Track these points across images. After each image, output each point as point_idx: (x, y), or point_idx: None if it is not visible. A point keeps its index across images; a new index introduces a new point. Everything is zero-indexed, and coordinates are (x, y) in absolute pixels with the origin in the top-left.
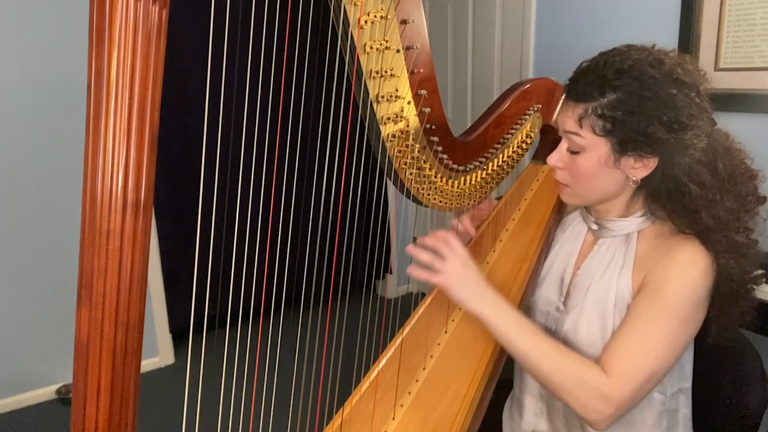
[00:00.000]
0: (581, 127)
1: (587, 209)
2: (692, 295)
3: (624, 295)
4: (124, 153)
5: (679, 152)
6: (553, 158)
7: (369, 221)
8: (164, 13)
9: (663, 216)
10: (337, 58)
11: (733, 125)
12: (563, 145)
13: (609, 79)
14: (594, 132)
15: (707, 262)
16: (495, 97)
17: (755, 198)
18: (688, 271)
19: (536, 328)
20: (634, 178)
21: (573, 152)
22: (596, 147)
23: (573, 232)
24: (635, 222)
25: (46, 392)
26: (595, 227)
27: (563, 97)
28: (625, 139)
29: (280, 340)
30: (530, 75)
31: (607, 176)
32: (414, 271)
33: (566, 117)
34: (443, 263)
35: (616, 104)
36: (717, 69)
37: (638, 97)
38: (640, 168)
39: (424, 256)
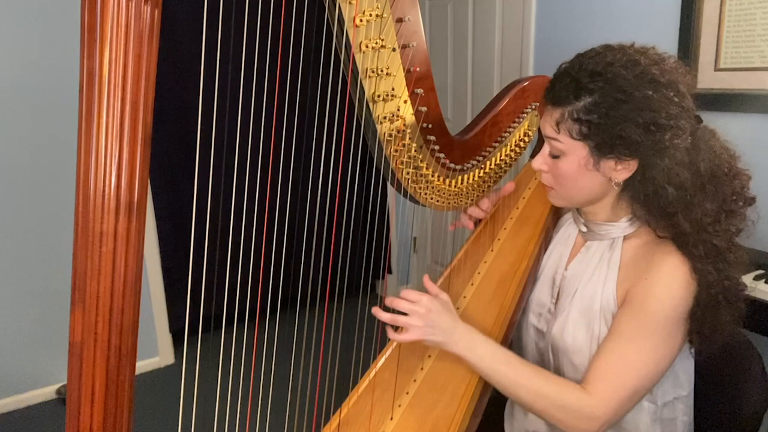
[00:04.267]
0: (559, 131)
1: (578, 211)
2: (674, 312)
3: (609, 304)
4: (117, 154)
5: (658, 153)
6: (537, 162)
7: (368, 221)
8: (156, 12)
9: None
10: (333, 56)
11: (733, 125)
12: (545, 149)
13: (583, 83)
14: (571, 136)
15: (688, 274)
16: None
17: (742, 198)
18: (669, 286)
19: (512, 359)
20: (615, 180)
21: (554, 156)
22: (575, 151)
23: (565, 233)
24: (621, 227)
25: (46, 392)
26: (584, 229)
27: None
28: (602, 142)
29: (278, 340)
30: (530, 74)
31: (589, 179)
32: (390, 334)
33: (545, 122)
34: (407, 319)
35: (591, 108)
36: (717, 69)
37: (613, 99)
38: (621, 170)
39: (385, 316)
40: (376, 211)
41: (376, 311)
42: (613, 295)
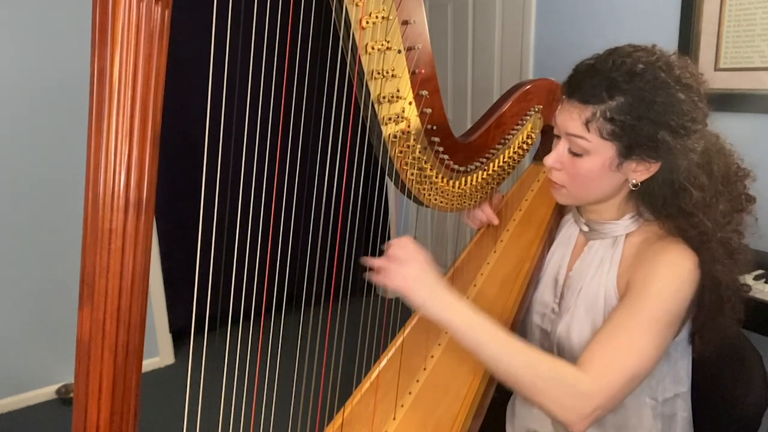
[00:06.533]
0: (588, 130)
1: (578, 210)
2: (674, 297)
3: (611, 299)
4: (126, 153)
5: (681, 156)
6: (551, 159)
7: (370, 221)
8: (167, 13)
9: (650, 218)
10: (339, 58)
11: (733, 125)
12: (563, 146)
13: (618, 82)
14: (601, 136)
15: (692, 265)
16: (495, 97)
17: (746, 198)
18: (671, 272)
19: (503, 329)
20: (633, 181)
21: (575, 154)
22: (601, 150)
23: (566, 233)
24: (623, 224)
25: (46, 392)
26: (585, 229)
27: (564, 97)
28: (633, 143)
29: (280, 340)
30: (530, 75)
31: (609, 178)
32: (372, 277)
33: (570, 119)
34: (400, 266)
35: (626, 108)
36: (717, 69)
37: (648, 101)
38: (642, 171)
39: (378, 261)
40: (380, 213)
41: (366, 259)
42: (615, 290)
